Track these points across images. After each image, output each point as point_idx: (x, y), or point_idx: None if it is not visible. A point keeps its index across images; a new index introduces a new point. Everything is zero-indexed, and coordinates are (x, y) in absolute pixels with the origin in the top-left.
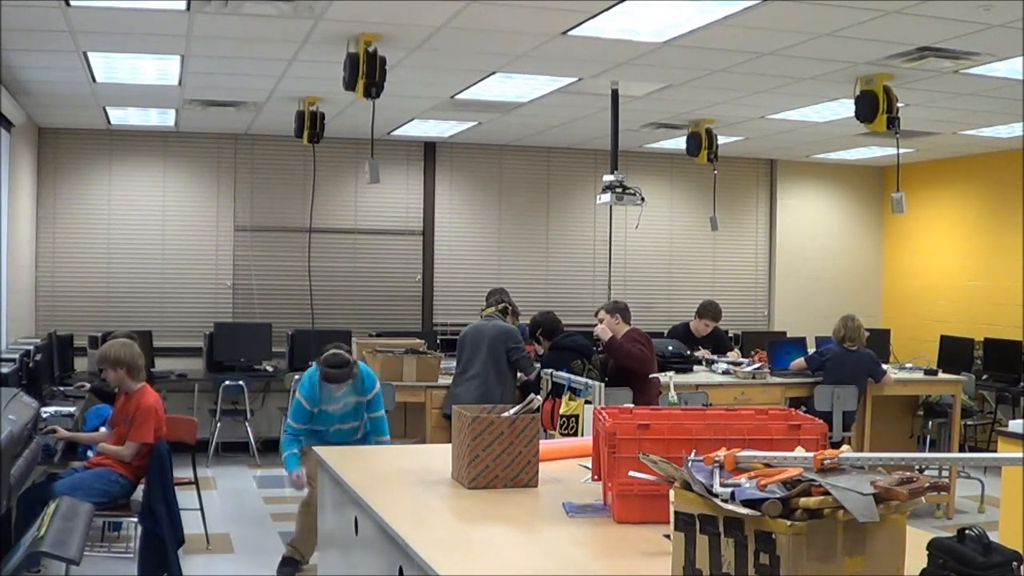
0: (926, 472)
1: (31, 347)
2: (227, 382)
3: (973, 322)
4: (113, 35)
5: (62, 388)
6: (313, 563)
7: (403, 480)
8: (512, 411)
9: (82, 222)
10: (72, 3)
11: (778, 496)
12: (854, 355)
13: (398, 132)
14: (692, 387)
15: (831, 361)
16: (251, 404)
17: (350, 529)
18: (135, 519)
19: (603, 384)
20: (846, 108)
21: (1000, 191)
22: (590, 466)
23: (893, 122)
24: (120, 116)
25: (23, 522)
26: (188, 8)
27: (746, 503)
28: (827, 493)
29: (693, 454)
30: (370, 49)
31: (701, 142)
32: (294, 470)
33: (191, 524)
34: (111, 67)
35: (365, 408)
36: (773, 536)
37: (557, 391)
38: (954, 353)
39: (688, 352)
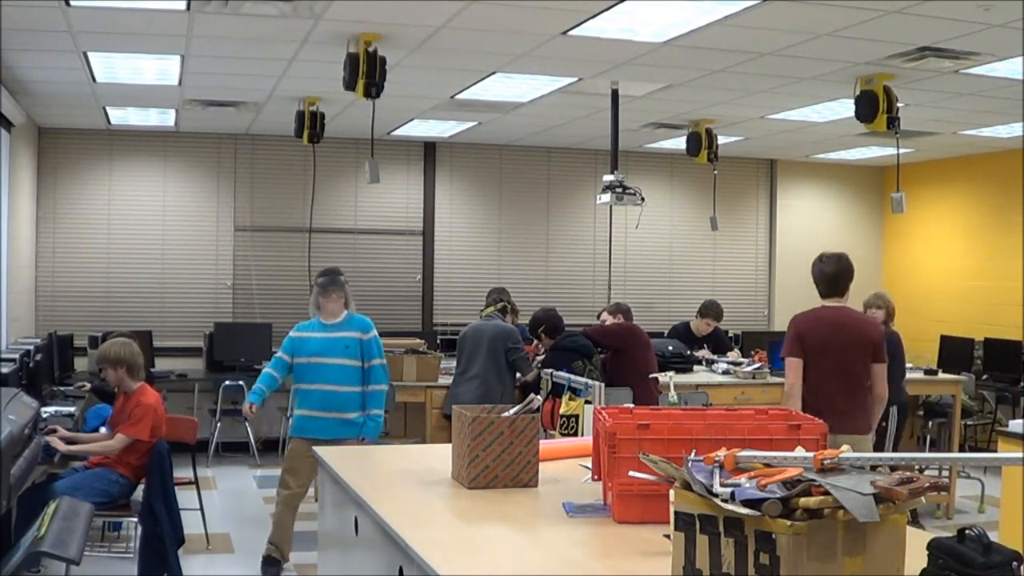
0: (926, 472)
1: (31, 347)
2: (227, 382)
3: (973, 322)
4: (113, 35)
5: (62, 388)
6: (313, 563)
7: (403, 480)
8: (512, 411)
9: (82, 222)
10: (72, 3)
11: (778, 496)
12: None
13: (398, 132)
14: (692, 387)
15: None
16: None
17: (350, 529)
18: (135, 519)
19: (603, 384)
20: (846, 108)
21: (1000, 191)
22: (590, 466)
23: (893, 122)
24: (120, 116)
25: (23, 522)
26: (188, 8)
27: (746, 503)
28: (827, 493)
29: (693, 454)
30: (370, 49)
31: (701, 142)
32: (251, 402)
33: (191, 524)
34: (111, 67)
35: (364, 355)
36: (773, 536)
37: (557, 391)
38: (954, 353)
39: (688, 352)
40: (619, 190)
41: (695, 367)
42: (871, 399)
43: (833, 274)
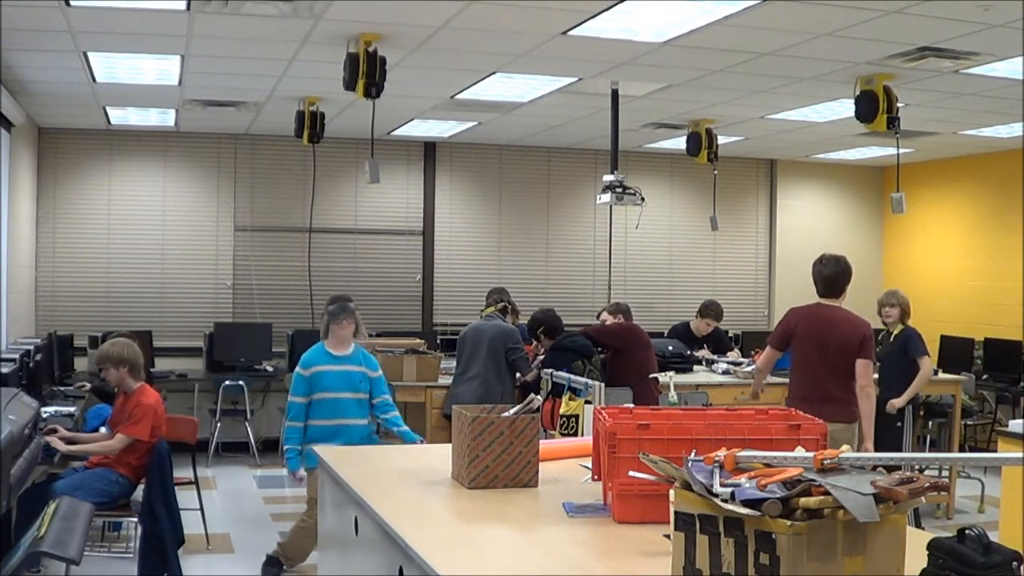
0: (926, 472)
1: (31, 347)
2: (227, 382)
3: (973, 322)
4: (113, 35)
5: (62, 388)
6: (313, 563)
7: (403, 480)
8: (512, 411)
9: (82, 222)
10: (72, 3)
11: (778, 496)
12: None
13: (398, 132)
14: (692, 387)
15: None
16: (251, 404)
17: (350, 529)
18: (135, 519)
19: (603, 384)
20: (846, 108)
21: (1000, 191)
22: (590, 466)
23: (893, 122)
24: (120, 116)
25: (23, 522)
26: (188, 8)
27: (746, 503)
28: (827, 493)
29: (693, 454)
30: (370, 49)
31: (701, 142)
32: (295, 470)
33: (191, 524)
34: (111, 67)
35: (371, 391)
36: (773, 536)
37: (557, 391)
38: (954, 353)
39: (688, 352)
40: (619, 190)
41: (695, 367)
42: (857, 391)
43: (831, 276)
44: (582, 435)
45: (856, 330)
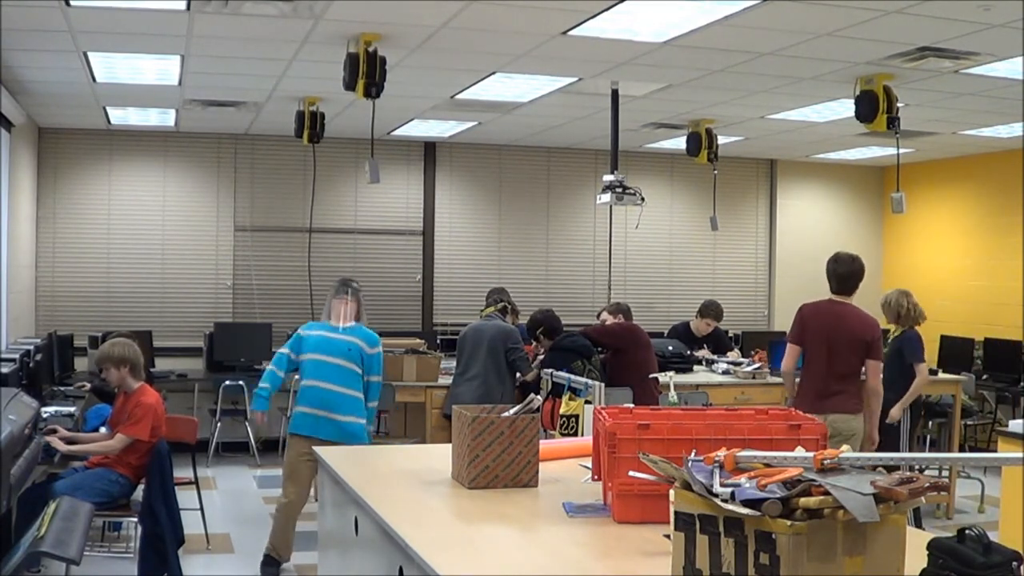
0: (926, 472)
1: (31, 347)
2: (227, 382)
3: (973, 322)
4: (113, 35)
5: (62, 388)
6: (313, 563)
7: (403, 480)
8: (512, 411)
9: (82, 222)
10: (72, 3)
11: (778, 496)
12: None
13: (398, 132)
14: (692, 387)
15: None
16: (251, 404)
17: (350, 529)
18: (135, 519)
19: (603, 384)
20: (846, 108)
21: (1000, 191)
22: (590, 466)
23: (893, 122)
24: (120, 116)
25: (23, 522)
26: (188, 8)
27: (746, 503)
28: (827, 493)
29: (693, 454)
30: (370, 49)
31: (701, 142)
32: (257, 410)
33: (191, 524)
34: (111, 67)
35: (364, 367)
36: (773, 536)
37: (557, 391)
38: (954, 353)
39: (688, 352)
40: (619, 190)
41: (695, 367)
42: (865, 389)
43: (845, 274)
44: (582, 435)
45: (867, 329)
